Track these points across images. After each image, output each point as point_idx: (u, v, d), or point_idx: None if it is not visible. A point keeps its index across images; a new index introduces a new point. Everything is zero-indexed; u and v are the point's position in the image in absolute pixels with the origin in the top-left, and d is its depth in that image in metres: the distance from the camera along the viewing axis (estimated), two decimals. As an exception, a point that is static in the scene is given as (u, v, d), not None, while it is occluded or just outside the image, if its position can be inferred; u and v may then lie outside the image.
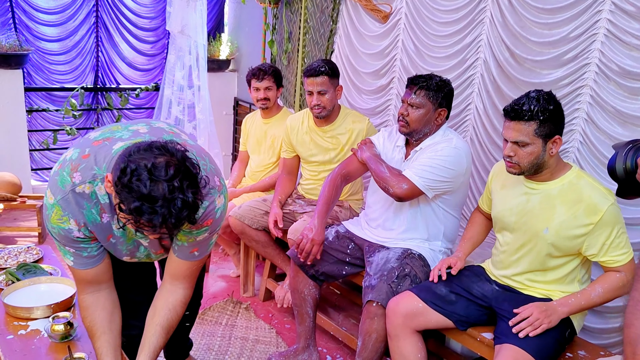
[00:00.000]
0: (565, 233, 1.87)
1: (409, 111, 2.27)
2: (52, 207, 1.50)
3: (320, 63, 2.71)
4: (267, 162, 3.32)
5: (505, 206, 2.03)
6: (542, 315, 1.82)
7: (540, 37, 2.49)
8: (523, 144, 1.85)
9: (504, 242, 2.06)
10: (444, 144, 2.26)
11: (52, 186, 1.51)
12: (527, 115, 1.82)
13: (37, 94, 4.59)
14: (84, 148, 1.54)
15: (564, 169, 1.93)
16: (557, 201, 1.89)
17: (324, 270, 2.45)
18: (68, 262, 1.63)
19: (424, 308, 2.02)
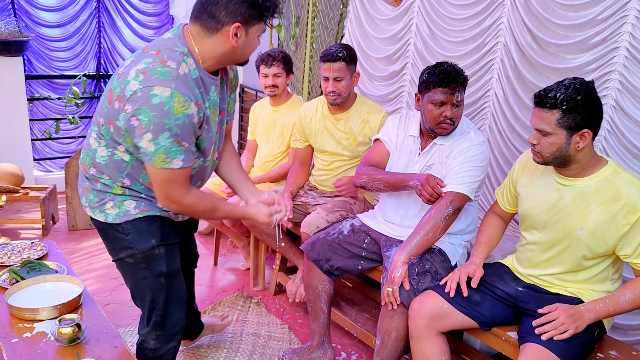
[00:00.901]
0: (601, 234, 1.76)
1: (453, 111, 2.15)
2: (171, 97, 1.50)
3: (338, 48, 2.60)
4: (276, 152, 3.21)
5: (535, 203, 1.91)
6: (568, 320, 1.71)
7: (565, 20, 2.36)
8: (545, 133, 1.74)
9: (532, 241, 1.94)
10: (467, 144, 2.17)
11: (157, 82, 1.50)
12: (550, 103, 1.71)
13: (39, 81, 4.49)
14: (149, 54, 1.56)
15: (599, 164, 1.80)
16: (593, 199, 1.77)
17: (338, 265, 2.36)
18: (177, 164, 1.58)
19: (450, 309, 1.93)
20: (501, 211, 2.12)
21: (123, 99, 1.53)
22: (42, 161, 4.76)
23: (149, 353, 1.90)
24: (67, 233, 3.89)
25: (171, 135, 1.52)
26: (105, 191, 1.73)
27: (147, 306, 1.85)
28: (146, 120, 1.50)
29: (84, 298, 1.98)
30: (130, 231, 1.74)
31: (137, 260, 1.79)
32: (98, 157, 1.69)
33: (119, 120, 1.57)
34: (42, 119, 4.58)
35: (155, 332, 1.88)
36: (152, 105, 1.49)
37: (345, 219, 2.50)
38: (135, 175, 1.70)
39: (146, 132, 1.51)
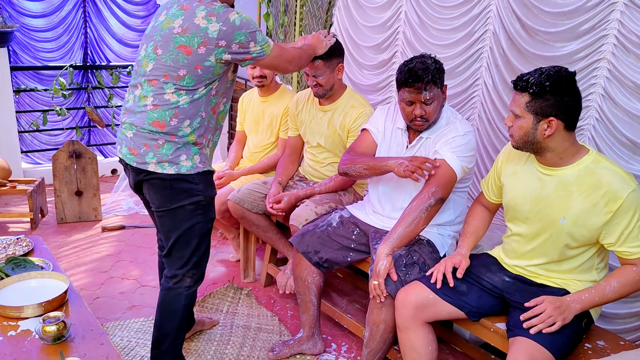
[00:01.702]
0: (583, 222, 1.75)
1: (424, 109, 2.13)
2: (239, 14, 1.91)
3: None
4: (265, 143, 3.19)
5: (519, 193, 1.90)
6: (555, 312, 1.71)
7: (554, 7, 2.34)
8: (516, 116, 1.76)
9: (517, 232, 1.94)
10: (453, 134, 2.14)
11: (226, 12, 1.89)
12: (521, 86, 1.73)
13: (25, 73, 4.42)
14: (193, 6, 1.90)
15: (579, 153, 1.78)
16: (574, 188, 1.76)
17: (327, 257, 2.35)
18: (271, 41, 2.02)
19: (435, 299, 1.92)
20: (487, 202, 2.11)
21: (211, 42, 1.87)
22: (30, 153, 4.71)
23: (184, 291, 2.12)
24: (56, 226, 3.86)
25: (258, 31, 1.96)
26: (183, 143, 1.97)
27: (192, 248, 2.08)
28: (243, 37, 1.90)
29: (70, 294, 1.96)
30: (200, 181, 2.01)
31: (198, 207, 2.03)
32: (181, 104, 1.94)
33: (208, 61, 1.90)
34: (29, 110, 4.52)
35: (192, 270, 2.11)
36: (237, 26, 1.89)
37: (334, 211, 2.49)
38: (207, 106, 1.99)
39: (249, 42, 1.92)
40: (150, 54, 1.96)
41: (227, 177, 3.13)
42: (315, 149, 2.84)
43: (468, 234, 2.09)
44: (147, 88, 1.96)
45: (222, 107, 2.09)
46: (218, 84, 1.99)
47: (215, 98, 2.01)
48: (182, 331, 2.16)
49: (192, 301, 2.18)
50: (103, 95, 4.77)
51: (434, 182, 2.07)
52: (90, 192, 3.89)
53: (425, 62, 2.11)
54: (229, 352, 2.50)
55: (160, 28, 1.95)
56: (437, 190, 2.06)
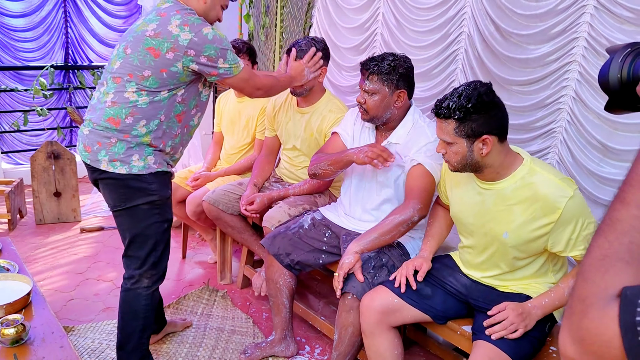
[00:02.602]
0: (525, 236, 1.74)
1: (365, 98, 2.14)
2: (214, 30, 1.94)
3: (304, 45, 2.54)
4: (242, 144, 3.18)
5: (462, 207, 1.89)
6: (517, 319, 1.70)
7: (527, 10, 2.33)
8: (448, 143, 1.73)
9: (467, 245, 1.94)
10: (424, 141, 2.12)
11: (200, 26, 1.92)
12: (444, 113, 1.70)
13: (5, 73, 4.39)
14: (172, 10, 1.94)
15: (514, 164, 1.75)
16: (512, 201, 1.74)
17: (299, 260, 2.33)
18: (241, 63, 2.04)
19: (400, 303, 1.91)
20: (444, 203, 2.10)
21: (180, 49, 1.89)
22: (11, 154, 4.67)
23: (143, 291, 2.11)
24: (35, 227, 3.83)
25: (229, 50, 1.98)
26: (135, 143, 1.96)
27: (149, 249, 2.07)
28: (213, 52, 1.92)
29: (34, 297, 1.94)
30: (154, 181, 2.01)
31: (153, 206, 2.03)
32: (140, 104, 1.94)
33: (174, 67, 1.91)
34: (9, 110, 4.49)
35: (150, 271, 2.10)
36: (209, 40, 1.91)
37: (307, 213, 2.48)
38: (169, 111, 1.99)
39: (218, 58, 1.94)
40: (120, 53, 1.99)
41: (204, 179, 3.11)
42: (291, 151, 2.82)
43: (430, 236, 2.07)
44: (110, 85, 1.98)
45: (195, 120, 2.11)
46: (185, 93, 2.00)
47: (181, 106, 2.01)
48: (146, 331, 2.15)
49: (153, 301, 2.17)
50: (85, 95, 4.74)
51: (419, 196, 2.06)
52: (69, 193, 3.86)
53: (385, 57, 2.13)
54: (201, 354, 2.48)
55: (134, 30, 1.99)
56: (422, 208, 2.07)
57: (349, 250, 2.04)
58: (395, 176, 2.20)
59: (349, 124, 2.35)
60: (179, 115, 2.02)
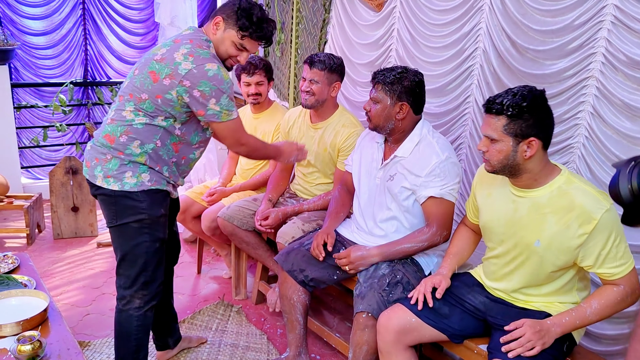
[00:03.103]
0: (558, 245, 1.72)
1: (370, 106, 2.19)
2: (219, 70, 1.90)
3: (322, 56, 2.63)
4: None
5: (493, 216, 1.87)
6: (535, 336, 1.67)
7: (543, 25, 2.32)
8: (493, 140, 1.72)
9: (494, 254, 1.91)
10: (435, 160, 2.12)
11: (205, 61, 1.88)
12: (496, 109, 1.69)
13: (25, 90, 4.47)
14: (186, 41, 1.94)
15: (552, 173, 1.76)
16: (547, 210, 1.73)
17: (313, 276, 2.32)
18: (235, 114, 1.99)
19: (418, 323, 1.89)
20: (470, 223, 2.09)
21: (177, 77, 1.87)
22: (30, 169, 4.74)
23: (134, 312, 2.08)
24: (53, 241, 3.87)
25: (227, 95, 1.92)
26: (129, 160, 1.96)
27: (139, 268, 2.04)
28: (208, 89, 1.87)
29: (50, 313, 1.95)
30: (145, 199, 1.98)
31: (143, 225, 2.01)
32: (136, 124, 1.94)
33: (169, 94, 1.89)
34: (29, 126, 4.56)
35: (142, 291, 2.07)
36: (209, 77, 1.87)
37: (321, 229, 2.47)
38: (165, 138, 1.98)
39: (210, 98, 1.88)
40: (131, 73, 2.03)
41: (219, 194, 3.12)
42: (305, 167, 2.83)
43: (451, 254, 2.06)
44: (115, 103, 2.03)
45: (197, 154, 2.11)
46: (185, 127, 1.99)
47: (180, 139, 2.01)
48: (140, 352, 2.14)
49: (146, 321, 2.13)
50: (103, 111, 4.81)
51: (441, 222, 2.14)
52: (87, 207, 3.90)
53: (395, 68, 2.17)
54: (215, 371, 2.48)
55: (149, 52, 2.02)
56: (447, 234, 2.17)
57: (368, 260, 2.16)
58: (403, 196, 2.19)
59: (356, 151, 2.42)
60: (176, 144, 2.01)
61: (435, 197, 2.11)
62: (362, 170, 2.32)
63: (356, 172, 2.37)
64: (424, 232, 2.14)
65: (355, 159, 2.39)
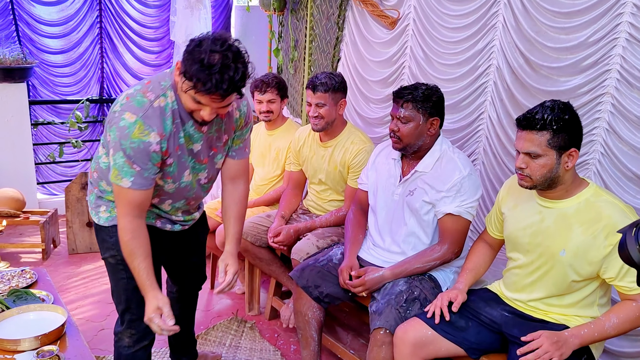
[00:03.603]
0: (583, 255, 1.73)
1: (399, 126, 2.16)
2: (134, 124, 1.66)
3: (322, 78, 2.61)
4: (271, 175, 3.21)
5: (518, 226, 1.89)
6: (552, 347, 1.66)
7: (557, 43, 2.34)
8: (535, 156, 1.73)
9: (517, 265, 1.92)
10: (458, 176, 2.13)
11: (130, 109, 1.67)
12: (540, 124, 1.70)
13: (43, 106, 4.54)
14: (141, 82, 1.75)
15: (581, 186, 1.79)
16: (574, 220, 1.75)
17: (328, 292, 2.32)
18: (125, 183, 1.71)
19: (434, 336, 1.89)
20: (490, 238, 2.09)
21: (110, 115, 1.73)
22: (46, 185, 4.80)
23: (124, 351, 2.01)
24: (67, 257, 3.90)
25: (124, 155, 1.68)
26: (101, 196, 1.93)
27: (123, 305, 1.98)
28: (112, 137, 1.69)
29: (68, 327, 1.97)
30: (114, 234, 1.84)
31: (117, 261, 1.93)
32: (101, 163, 1.88)
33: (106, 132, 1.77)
34: (46, 143, 4.63)
35: (129, 330, 1.99)
36: (119, 126, 1.67)
37: (336, 245, 2.47)
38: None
39: (111, 147, 1.71)
40: None
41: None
42: (317, 185, 2.85)
43: (467, 269, 2.07)
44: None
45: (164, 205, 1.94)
46: None
47: None
48: None
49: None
50: (118, 127, 4.86)
51: (455, 239, 2.15)
52: (101, 223, 3.92)
53: (418, 86, 2.17)
54: (230, 388, 2.47)
55: None
56: (459, 251, 2.17)
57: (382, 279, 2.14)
58: (424, 211, 2.19)
59: (370, 167, 2.41)
60: None
61: (453, 215, 2.11)
62: (379, 188, 2.33)
63: (372, 189, 2.38)
64: (436, 250, 2.15)
65: (371, 176, 2.39)
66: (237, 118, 1.92)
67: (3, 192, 3.80)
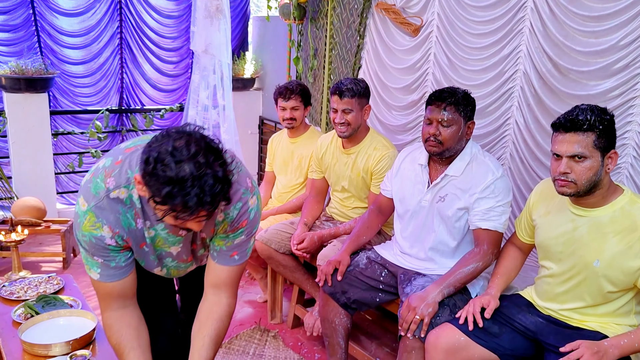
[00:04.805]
0: (619, 265, 1.68)
1: (440, 130, 2.12)
2: (85, 214, 1.46)
3: (348, 83, 2.59)
4: (294, 183, 3.20)
5: (550, 234, 1.85)
6: (593, 358, 1.61)
7: (586, 47, 2.32)
8: (581, 158, 1.67)
9: (549, 273, 1.87)
10: (491, 177, 2.10)
11: (84, 193, 1.48)
12: (587, 125, 1.66)
13: (63, 116, 4.57)
14: (117, 155, 1.50)
15: (616, 192, 1.75)
16: (609, 229, 1.70)
17: (355, 298, 2.30)
18: (94, 275, 1.56)
19: (467, 342, 1.85)
20: (520, 242, 2.05)
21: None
22: (65, 194, 4.82)
23: None
24: (87, 266, 3.89)
25: (82, 247, 1.53)
26: None
27: None
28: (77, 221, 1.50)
29: (98, 333, 1.95)
30: None
31: None
32: None
33: None
34: (65, 153, 4.65)
35: None
36: (75, 212, 1.51)
37: (362, 251, 2.45)
38: None
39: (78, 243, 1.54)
40: None
41: (256, 217, 3.12)
42: (340, 193, 2.84)
43: (499, 274, 2.03)
44: None
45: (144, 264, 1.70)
46: None
47: None
48: None
49: None
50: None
51: (493, 241, 2.10)
52: (121, 232, 3.92)
53: (455, 89, 2.15)
54: (255, 396, 2.44)
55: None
56: (498, 251, 2.13)
57: (429, 297, 2.00)
58: (456, 217, 2.16)
59: (395, 171, 2.38)
60: None
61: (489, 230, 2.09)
62: (406, 194, 2.30)
63: (398, 196, 2.35)
64: (475, 252, 2.10)
65: (395, 183, 2.37)
66: (219, 221, 1.56)
67: (25, 202, 3.81)
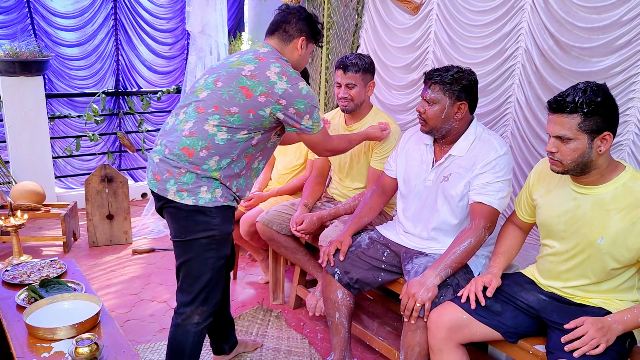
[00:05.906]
0: (623, 242, 1.68)
1: (425, 108, 2.13)
2: (307, 86, 1.98)
3: (353, 58, 2.58)
4: (294, 164, 3.19)
5: (553, 213, 1.84)
6: (598, 334, 1.63)
7: (588, 22, 2.30)
8: (566, 139, 1.67)
9: (552, 252, 1.87)
10: (494, 154, 2.09)
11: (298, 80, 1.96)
12: (570, 107, 1.64)
13: (59, 100, 4.54)
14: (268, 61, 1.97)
15: (616, 170, 1.73)
16: (611, 207, 1.70)
17: (358, 278, 2.31)
18: (321, 123, 2.06)
19: (469, 319, 1.86)
20: (519, 221, 2.05)
21: (273, 96, 1.92)
22: (63, 178, 4.80)
23: (192, 328, 2.05)
24: (88, 249, 3.90)
25: (317, 109, 2.02)
26: (204, 175, 1.93)
27: (202, 284, 2.02)
28: (303, 107, 1.95)
29: (102, 316, 1.96)
30: (217, 215, 1.96)
31: (212, 241, 1.99)
32: (217, 140, 1.92)
33: (262, 111, 1.93)
34: (62, 136, 4.63)
35: (201, 307, 2.05)
36: (302, 95, 1.94)
37: (364, 231, 2.45)
38: (241, 151, 1.97)
39: (305, 114, 1.96)
40: (209, 83, 1.98)
41: (256, 199, 3.12)
42: (341, 172, 2.82)
43: (500, 253, 2.03)
44: (191, 113, 1.96)
45: (257, 164, 2.09)
46: (261, 137, 2.00)
47: (253, 149, 2.00)
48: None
49: (201, 338, 2.10)
50: (134, 120, 4.86)
51: (488, 215, 2.07)
52: (121, 215, 3.93)
53: (450, 68, 2.13)
54: (260, 376, 2.46)
55: (229, 66, 1.99)
56: (491, 226, 2.11)
57: (427, 282, 1.99)
58: (460, 196, 2.16)
59: (400, 147, 2.38)
60: (249, 157, 2.01)
61: (484, 204, 2.08)
62: (410, 174, 2.30)
63: (401, 175, 2.34)
64: (467, 228, 2.08)
65: (400, 163, 2.36)
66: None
67: (23, 186, 3.80)
